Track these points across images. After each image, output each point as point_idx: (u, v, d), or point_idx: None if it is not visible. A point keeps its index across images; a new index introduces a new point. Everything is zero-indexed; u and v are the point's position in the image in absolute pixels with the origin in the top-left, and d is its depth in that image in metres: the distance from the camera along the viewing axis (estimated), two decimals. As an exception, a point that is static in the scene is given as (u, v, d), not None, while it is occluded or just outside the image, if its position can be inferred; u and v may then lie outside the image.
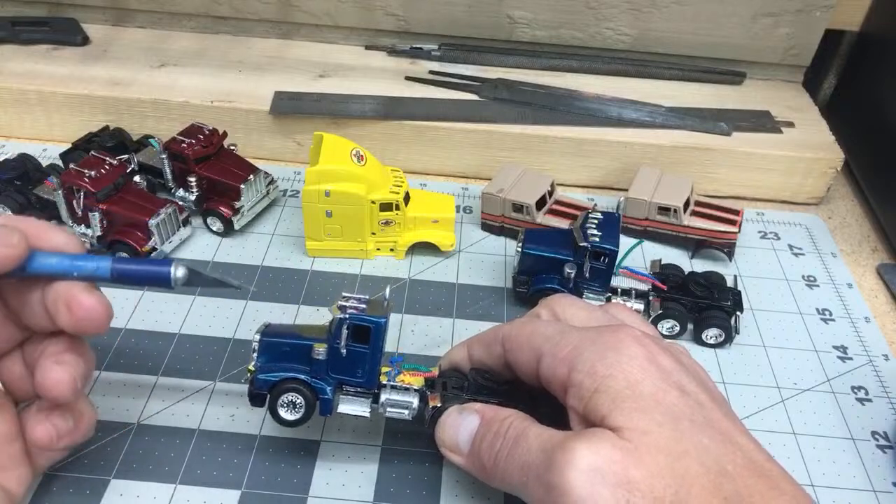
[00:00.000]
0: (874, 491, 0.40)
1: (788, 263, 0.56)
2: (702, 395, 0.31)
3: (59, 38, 0.67)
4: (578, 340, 0.33)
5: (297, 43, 0.70)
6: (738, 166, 0.60)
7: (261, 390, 0.36)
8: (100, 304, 0.32)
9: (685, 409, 0.30)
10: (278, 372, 0.36)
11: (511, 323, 0.37)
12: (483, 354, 0.38)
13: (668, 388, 0.30)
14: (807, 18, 0.65)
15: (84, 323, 0.32)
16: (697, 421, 0.30)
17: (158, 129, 0.61)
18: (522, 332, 0.36)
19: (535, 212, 0.54)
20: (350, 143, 0.50)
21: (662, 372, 0.31)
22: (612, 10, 0.66)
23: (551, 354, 0.33)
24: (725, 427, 0.30)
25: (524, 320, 0.38)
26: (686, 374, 0.32)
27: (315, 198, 0.49)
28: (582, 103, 0.63)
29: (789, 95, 0.68)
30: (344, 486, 0.39)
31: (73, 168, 0.50)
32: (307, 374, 0.36)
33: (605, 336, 0.32)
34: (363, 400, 0.37)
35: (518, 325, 0.36)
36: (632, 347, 0.31)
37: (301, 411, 0.36)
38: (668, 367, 0.32)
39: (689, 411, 0.30)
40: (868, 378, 0.47)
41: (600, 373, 0.31)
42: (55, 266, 0.32)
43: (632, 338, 0.32)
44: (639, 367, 0.31)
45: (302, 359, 0.36)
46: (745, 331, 0.49)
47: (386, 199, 0.50)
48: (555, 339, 0.34)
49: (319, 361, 0.36)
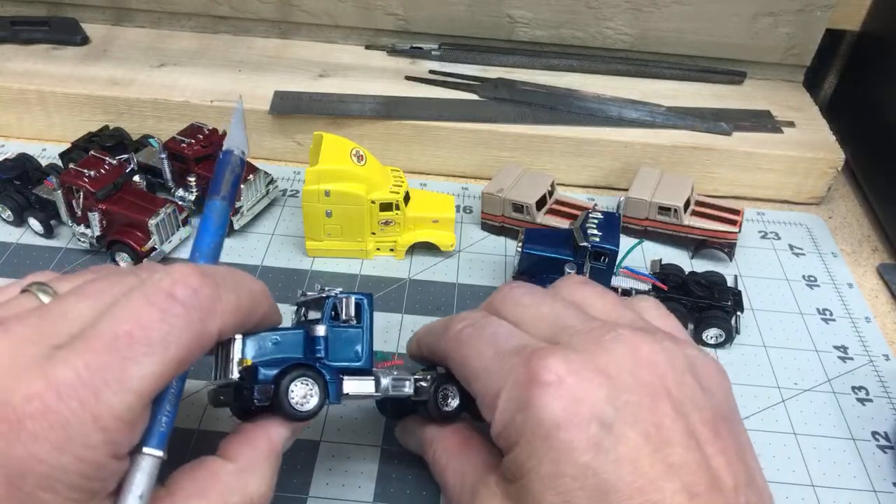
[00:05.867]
0: (874, 491, 0.40)
1: (789, 263, 0.56)
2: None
3: (59, 38, 0.67)
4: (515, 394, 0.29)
5: (296, 42, 0.70)
6: (739, 166, 0.60)
7: (262, 384, 0.31)
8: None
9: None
10: (280, 362, 0.32)
11: (445, 336, 0.35)
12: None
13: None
14: (807, 18, 0.65)
15: None
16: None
17: (158, 129, 0.61)
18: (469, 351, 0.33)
19: (535, 212, 0.54)
20: (350, 143, 0.50)
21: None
22: (613, 9, 0.66)
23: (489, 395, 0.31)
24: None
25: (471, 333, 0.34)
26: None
27: (315, 198, 0.49)
28: (582, 103, 0.63)
29: (790, 95, 0.68)
30: (344, 486, 0.38)
31: (73, 168, 0.50)
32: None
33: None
34: (366, 379, 0.34)
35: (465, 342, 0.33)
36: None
37: (315, 399, 0.32)
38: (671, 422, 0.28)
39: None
40: (868, 378, 0.47)
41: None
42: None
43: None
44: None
45: (295, 349, 0.33)
46: (745, 331, 0.49)
47: (386, 198, 0.50)
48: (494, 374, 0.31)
49: (315, 348, 0.33)
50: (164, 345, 0.25)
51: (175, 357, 0.26)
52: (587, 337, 0.30)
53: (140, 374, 0.25)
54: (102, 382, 0.24)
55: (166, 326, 0.26)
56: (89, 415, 0.24)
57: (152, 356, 0.25)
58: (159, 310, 0.26)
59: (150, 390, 0.25)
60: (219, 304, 0.28)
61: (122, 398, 0.24)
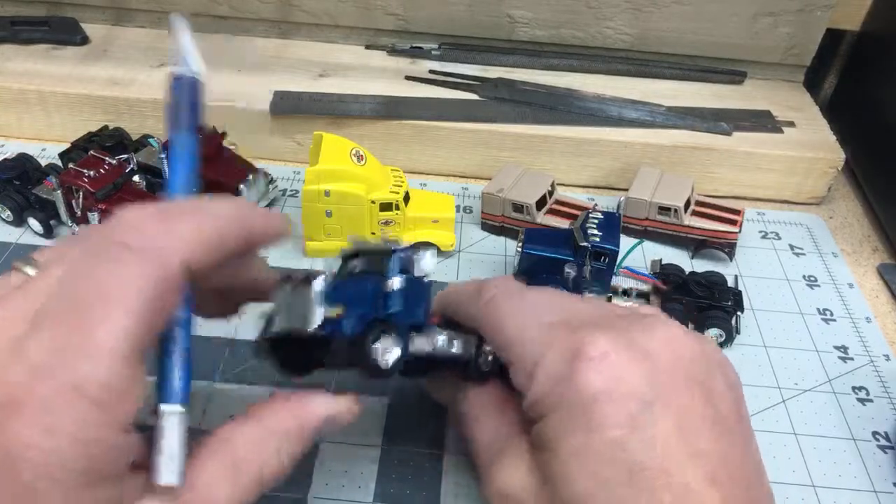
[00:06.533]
0: (875, 491, 0.40)
1: (789, 263, 0.56)
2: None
3: (59, 38, 0.67)
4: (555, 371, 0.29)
5: (296, 42, 0.70)
6: (739, 166, 0.60)
7: (350, 335, 0.29)
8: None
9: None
10: (358, 315, 0.30)
11: (477, 300, 0.34)
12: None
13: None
14: (807, 18, 0.65)
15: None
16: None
17: (158, 129, 0.60)
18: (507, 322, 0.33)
19: (535, 212, 0.53)
20: (350, 143, 0.50)
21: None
22: (613, 9, 0.66)
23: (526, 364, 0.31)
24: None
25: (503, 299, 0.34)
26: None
27: (315, 198, 0.49)
28: (582, 103, 0.63)
29: (790, 95, 0.68)
30: (344, 486, 0.38)
31: (73, 168, 0.49)
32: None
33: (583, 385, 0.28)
34: (426, 337, 0.33)
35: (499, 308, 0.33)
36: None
37: (395, 354, 0.31)
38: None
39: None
40: (869, 378, 0.47)
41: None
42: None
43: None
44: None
45: (366, 301, 0.31)
46: (745, 331, 0.49)
47: (386, 198, 0.50)
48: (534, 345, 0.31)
49: (388, 303, 0.32)
50: (123, 297, 0.23)
51: (141, 306, 0.24)
52: (628, 320, 0.31)
53: (109, 335, 0.23)
54: (74, 353, 0.22)
55: (118, 277, 0.24)
56: (70, 389, 0.22)
57: (115, 311, 0.23)
58: (109, 261, 0.24)
59: (129, 348, 0.23)
60: (171, 237, 0.25)
61: (100, 363, 0.23)
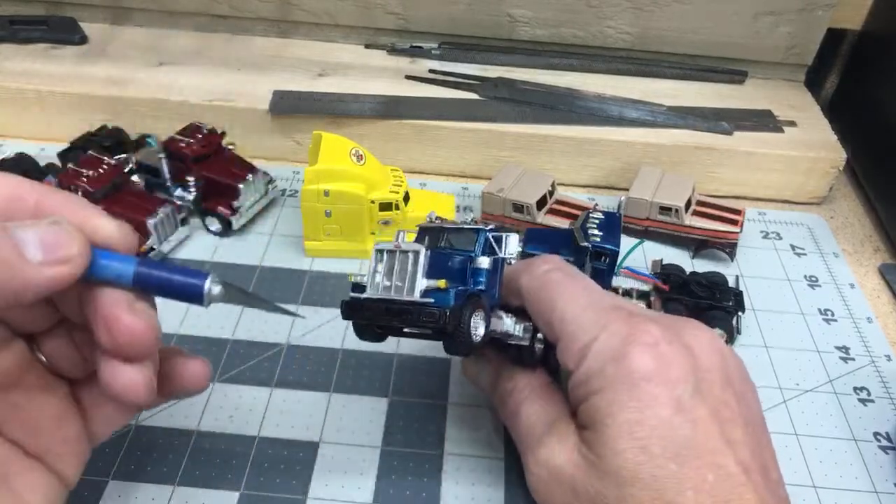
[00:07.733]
0: (876, 492, 0.40)
1: (790, 263, 0.56)
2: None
3: (58, 37, 0.66)
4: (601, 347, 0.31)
5: (296, 42, 0.70)
6: (740, 166, 0.60)
7: (451, 306, 0.30)
8: (146, 325, 0.28)
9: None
10: (462, 289, 0.31)
11: (530, 273, 0.35)
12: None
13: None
14: (808, 17, 0.65)
15: (126, 348, 0.28)
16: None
17: (157, 129, 0.60)
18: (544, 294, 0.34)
19: (535, 212, 0.53)
20: (349, 143, 0.50)
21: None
22: (613, 8, 0.66)
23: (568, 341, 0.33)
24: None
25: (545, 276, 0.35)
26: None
27: (314, 197, 0.49)
28: (583, 102, 0.63)
29: (791, 94, 0.68)
30: (343, 486, 0.38)
31: (71, 167, 0.49)
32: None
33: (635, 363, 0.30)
34: (501, 317, 0.35)
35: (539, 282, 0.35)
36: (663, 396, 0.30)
37: (482, 328, 0.32)
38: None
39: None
40: (870, 379, 0.47)
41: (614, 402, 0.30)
42: (100, 272, 0.27)
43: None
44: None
45: (457, 275, 0.33)
46: (746, 331, 0.49)
47: (385, 198, 0.50)
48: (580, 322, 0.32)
49: (478, 280, 0.33)
50: None
51: None
52: (672, 320, 0.33)
53: None
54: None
55: None
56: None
57: None
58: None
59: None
60: None
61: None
